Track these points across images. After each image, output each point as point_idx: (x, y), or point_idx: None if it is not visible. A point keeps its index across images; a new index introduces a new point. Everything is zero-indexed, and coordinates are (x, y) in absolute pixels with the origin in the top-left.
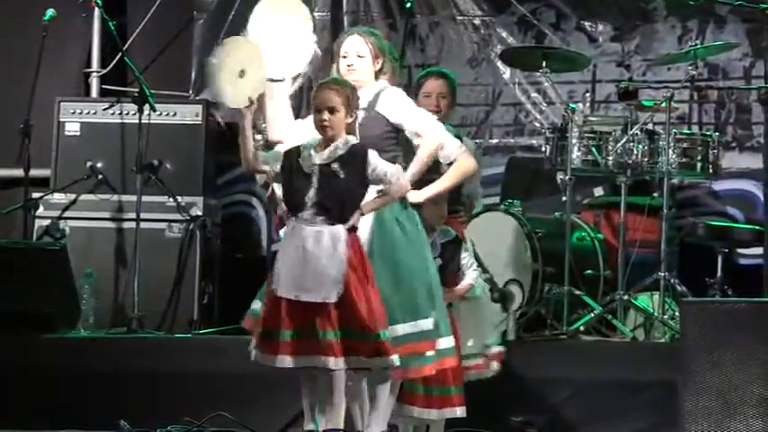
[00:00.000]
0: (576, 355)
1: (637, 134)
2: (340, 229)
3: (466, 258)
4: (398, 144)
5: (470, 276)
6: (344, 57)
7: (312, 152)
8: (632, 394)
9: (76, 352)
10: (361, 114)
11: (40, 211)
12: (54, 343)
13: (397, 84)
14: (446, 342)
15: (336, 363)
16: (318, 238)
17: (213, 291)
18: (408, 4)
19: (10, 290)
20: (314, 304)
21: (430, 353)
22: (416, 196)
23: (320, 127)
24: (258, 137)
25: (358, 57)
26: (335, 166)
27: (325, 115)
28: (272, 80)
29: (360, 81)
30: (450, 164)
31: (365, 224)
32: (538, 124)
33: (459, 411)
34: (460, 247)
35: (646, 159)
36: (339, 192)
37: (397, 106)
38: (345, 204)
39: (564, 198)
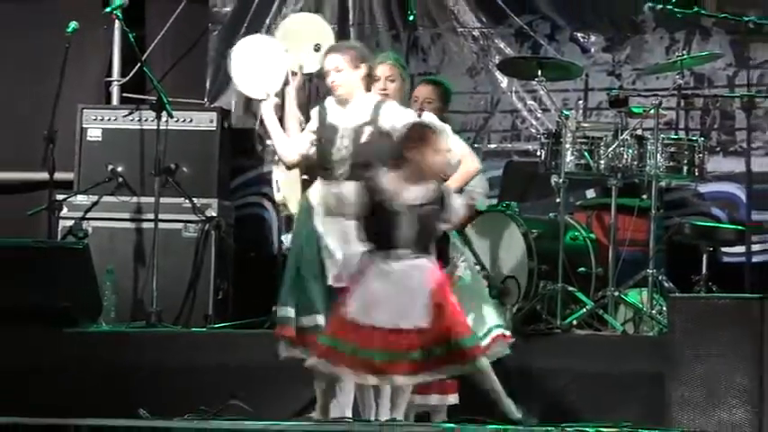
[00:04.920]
0: (570, 347)
1: (627, 139)
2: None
3: (454, 253)
4: None
5: (459, 269)
6: (327, 73)
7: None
8: (622, 385)
9: (98, 345)
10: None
11: (64, 212)
12: (77, 336)
13: (405, 91)
14: None
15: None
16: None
17: (227, 287)
18: (411, 17)
19: (36, 286)
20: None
21: None
22: None
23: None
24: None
25: (336, 71)
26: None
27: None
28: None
29: (345, 94)
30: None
31: None
32: (533, 130)
33: (453, 399)
34: (448, 243)
35: (635, 163)
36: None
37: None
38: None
39: (558, 200)
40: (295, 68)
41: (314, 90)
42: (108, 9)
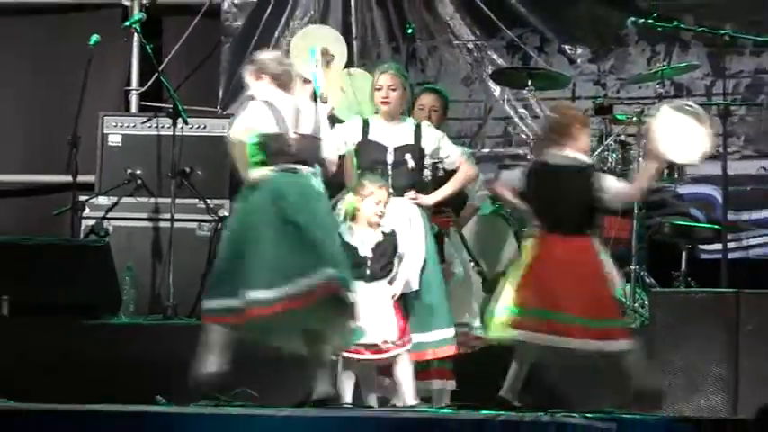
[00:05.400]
0: None
1: (611, 144)
2: None
3: (449, 249)
4: None
5: (454, 265)
6: None
7: None
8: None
9: (118, 336)
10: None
11: (87, 212)
12: (99, 328)
13: (407, 100)
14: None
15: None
16: None
17: None
18: (410, 30)
19: (61, 282)
20: None
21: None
22: (427, 200)
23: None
24: None
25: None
26: None
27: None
28: None
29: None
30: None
31: None
32: (524, 135)
33: (450, 384)
34: (443, 240)
35: (619, 166)
36: None
37: None
38: None
39: None
40: (309, 76)
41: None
42: (127, 23)
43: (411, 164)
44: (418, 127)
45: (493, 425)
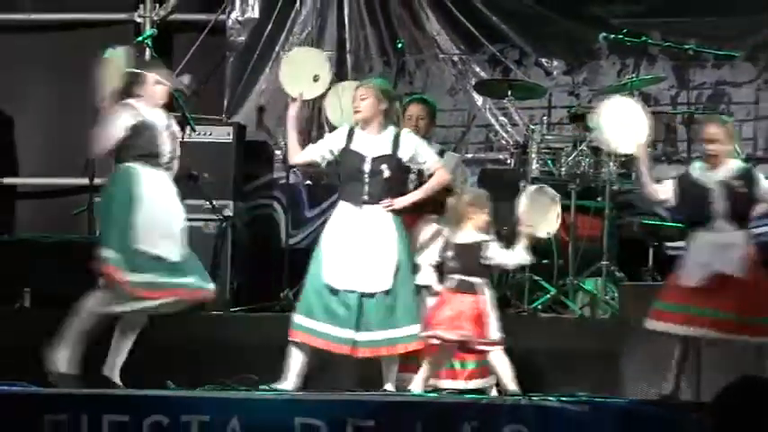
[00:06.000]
0: (535, 329)
1: (584, 150)
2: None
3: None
4: None
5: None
6: None
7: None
8: (581, 361)
9: None
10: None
11: None
12: (113, 318)
13: (380, 109)
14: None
15: None
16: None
17: (242, 277)
18: (400, 45)
19: (78, 276)
20: None
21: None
22: (396, 203)
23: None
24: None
25: None
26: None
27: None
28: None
29: None
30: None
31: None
32: (504, 142)
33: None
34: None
35: (591, 170)
36: None
37: None
38: None
39: None
40: (295, 95)
41: (316, 113)
42: (140, 38)
43: (386, 173)
44: (397, 136)
45: (476, 408)
